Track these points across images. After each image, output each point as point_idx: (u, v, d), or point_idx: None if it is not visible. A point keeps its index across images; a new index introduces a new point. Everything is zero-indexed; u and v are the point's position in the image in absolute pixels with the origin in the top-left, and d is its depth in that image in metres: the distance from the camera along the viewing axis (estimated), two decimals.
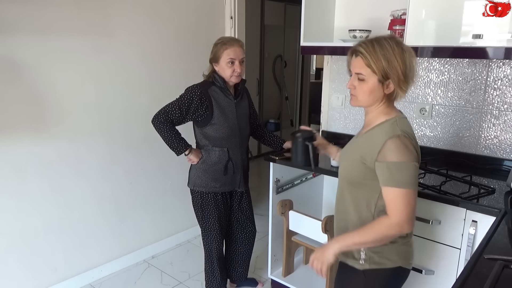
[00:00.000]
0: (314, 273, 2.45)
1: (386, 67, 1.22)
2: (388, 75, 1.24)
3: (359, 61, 1.26)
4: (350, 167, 1.36)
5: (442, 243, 1.71)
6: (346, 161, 1.40)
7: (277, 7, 5.16)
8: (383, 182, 1.24)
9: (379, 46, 1.23)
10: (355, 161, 1.32)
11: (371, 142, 1.28)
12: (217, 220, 2.15)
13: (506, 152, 2.03)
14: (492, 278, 0.94)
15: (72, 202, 2.41)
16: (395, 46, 1.23)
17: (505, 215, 1.41)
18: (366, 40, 1.28)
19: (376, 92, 1.28)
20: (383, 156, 1.22)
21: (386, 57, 1.22)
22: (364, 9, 2.37)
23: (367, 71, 1.25)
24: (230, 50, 1.97)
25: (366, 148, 1.29)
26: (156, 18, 2.65)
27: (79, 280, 2.52)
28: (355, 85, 1.30)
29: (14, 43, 2.04)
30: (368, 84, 1.26)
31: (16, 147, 2.13)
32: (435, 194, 1.70)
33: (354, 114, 2.55)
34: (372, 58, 1.23)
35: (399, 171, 1.20)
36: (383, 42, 1.24)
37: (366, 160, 1.28)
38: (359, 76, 1.27)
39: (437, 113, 2.23)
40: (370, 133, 1.32)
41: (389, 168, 1.21)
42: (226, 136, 2.04)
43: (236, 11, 3.03)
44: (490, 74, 2.02)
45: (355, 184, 1.34)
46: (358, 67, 1.27)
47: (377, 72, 1.24)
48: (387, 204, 1.24)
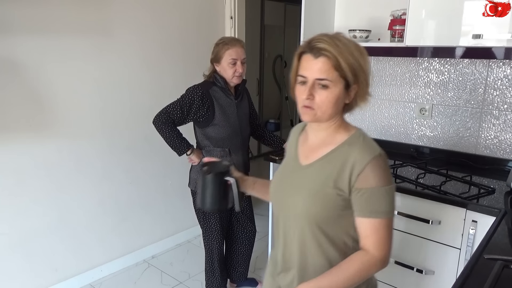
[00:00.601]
0: None
1: (357, 68, 0.99)
2: (357, 79, 1.01)
3: (322, 62, 0.98)
4: (314, 202, 1.04)
5: (442, 243, 1.71)
6: (300, 195, 1.07)
7: (277, 7, 5.16)
8: (365, 212, 1.00)
9: (341, 43, 0.99)
10: (323, 193, 1.03)
11: (342, 165, 1.01)
12: (218, 221, 2.15)
13: (506, 152, 2.03)
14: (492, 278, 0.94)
15: (72, 202, 2.41)
16: (351, 42, 1.02)
17: (505, 215, 1.41)
18: (323, 36, 1.00)
19: (340, 102, 1.03)
20: (365, 181, 0.98)
21: (353, 56, 0.99)
22: (364, 9, 2.37)
23: (334, 75, 0.98)
24: (232, 51, 1.97)
25: (338, 174, 1.02)
26: (156, 19, 2.65)
27: (79, 280, 2.52)
28: (314, 95, 1.00)
29: (14, 44, 2.04)
30: (334, 92, 0.99)
31: (17, 148, 2.13)
32: (435, 194, 1.70)
33: (354, 114, 2.53)
34: (341, 58, 0.97)
35: (385, 198, 0.99)
36: (340, 37, 1.00)
37: (342, 188, 1.01)
38: (321, 82, 0.99)
39: (437, 113, 2.23)
40: (335, 155, 1.04)
41: (374, 195, 0.98)
42: (227, 136, 2.04)
43: (236, 11, 3.03)
44: (490, 74, 2.02)
45: (326, 222, 1.05)
46: (321, 71, 0.98)
47: (347, 76, 0.99)
48: (366, 237, 1.02)
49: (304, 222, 1.07)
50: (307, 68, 1.00)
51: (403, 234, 1.82)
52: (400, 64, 2.32)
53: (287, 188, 1.13)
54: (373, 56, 2.38)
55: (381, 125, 2.43)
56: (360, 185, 0.99)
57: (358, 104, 1.07)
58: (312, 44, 1.00)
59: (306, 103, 1.01)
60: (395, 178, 1.89)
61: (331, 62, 0.97)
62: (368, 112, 2.48)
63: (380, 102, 2.43)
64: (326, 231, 1.05)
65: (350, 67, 0.98)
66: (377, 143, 1.05)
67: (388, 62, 2.36)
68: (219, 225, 2.16)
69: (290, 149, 1.20)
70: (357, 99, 1.05)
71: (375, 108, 2.45)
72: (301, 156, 1.14)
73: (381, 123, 2.43)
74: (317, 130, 1.10)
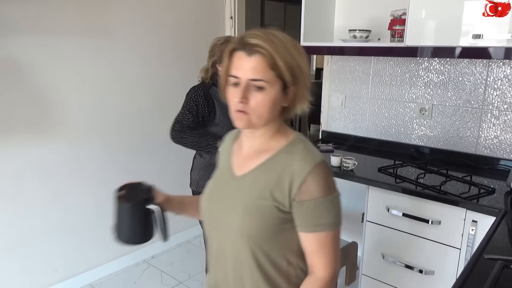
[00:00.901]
0: None
1: (295, 68, 0.90)
2: (295, 80, 0.91)
3: (257, 61, 0.87)
4: (250, 217, 0.92)
5: (442, 243, 1.71)
6: (234, 210, 0.95)
7: (277, 7, 5.16)
8: (309, 227, 0.90)
9: (277, 39, 0.89)
10: (259, 206, 0.91)
11: (280, 176, 0.91)
12: None
13: (506, 152, 2.03)
14: (492, 278, 0.94)
15: (72, 202, 2.41)
16: (288, 38, 0.92)
17: (505, 215, 1.41)
18: (257, 31, 0.90)
19: (277, 106, 0.92)
20: (307, 192, 0.88)
21: (291, 54, 0.89)
22: (364, 9, 2.37)
23: (270, 75, 0.87)
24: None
25: (275, 185, 0.91)
26: (156, 19, 2.65)
27: (79, 280, 2.51)
28: (248, 98, 0.89)
29: (14, 45, 2.04)
30: (271, 95, 0.89)
31: (16, 150, 2.13)
32: (435, 194, 1.70)
33: (354, 114, 2.56)
34: (278, 56, 0.87)
35: (330, 208, 0.90)
36: (276, 33, 0.90)
37: (280, 201, 0.90)
38: (256, 83, 0.88)
39: (437, 113, 2.23)
40: (272, 164, 0.94)
41: (318, 207, 0.88)
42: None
43: (236, 11, 3.03)
44: (490, 74, 2.02)
45: (265, 239, 0.93)
46: (256, 70, 0.87)
47: (285, 76, 0.89)
48: (312, 254, 0.93)
49: (240, 241, 0.94)
50: (239, 67, 0.89)
51: (403, 234, 1.82)
52: (400, 64, 2.32)
53: (219, 203, 1.00)
54: (373, 56, 2.38)
55: (381, 125, 2.43)
56: (302, 198, 0.88)
57: (296, 108, 0.96)
58: (245, 40, 0.88)
59: (240, 107, 0.90)
60: (395, 178, 1.90)
61: (266, 60, 0.87)
62: (368, 112, 2.48)
63: (380, 102, 2.43)
64: (265, 250, 0.93)
65: (287, 66, 0.88)
66: (377, 143, 1.04)
67: (388, 62, 2.36)
68: None
69: (223, 159, 1.09)
70: (295, 102, 0.95)
71: (375, 108, 2.45)
72: (235, 166, 1.02)
73: (381, 123, 2.43)
74: (252, 137, 0.98)
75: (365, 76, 2.47)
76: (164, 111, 2.78)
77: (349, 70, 2.53)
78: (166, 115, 2.80)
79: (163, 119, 2.79)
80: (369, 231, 1.94)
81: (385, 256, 1.89)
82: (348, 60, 2.52)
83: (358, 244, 2.25)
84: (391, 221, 1.85)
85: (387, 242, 1.89)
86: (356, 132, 2.55)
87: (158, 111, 2.74)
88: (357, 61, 2.49)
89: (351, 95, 2.55)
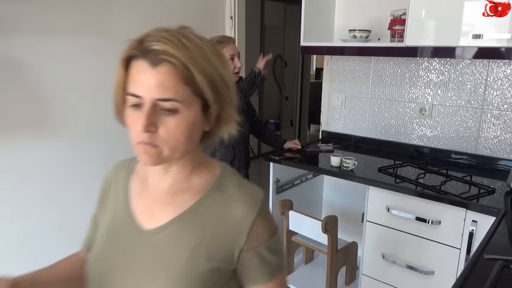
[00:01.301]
0: (314, 273, 2.46)
1: (217, 81, 0.68)
2: (219, 97, 0.69)
3: (165, 74, 0.64)
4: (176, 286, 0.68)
5: (442, 243, 1.71)
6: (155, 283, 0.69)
7: (277, 7, 5.16)
8: (265, 276, 0.73)
9: (191, 43, 0.66)
10: (193, 273, 0.69)
11: (217, 226, 0.70)
12: None
13: (506, 152, 2.03)
14: (492, 278, 0.94)
15: (73, 202, 2.41)
16: (206, 42, 0.70)
17: (505, 215, 1.41)
18: (163, 32, 0.67)
19: (197, 132, 0.71)
20: (257, 238, 0.71)
21: (211, 63, 0.67)
22: (364, 9, 2.37)
23: (184, 92, 0.65)
24: (228, 47, 2.02)
25: (212, 239, 0.70)
26: (156, 19, 2.65)
27: None
28: (157, 125, 0.66)
29: (14, 45, 2.04)
30: (187, 118, 0.67)
31: (16, 149, 2.13)
32: (435, 194, 1.70)
33: (354, 114, 2.55)
34: (194, 66, 0.65)
35: (281, 246, 0.76)
36: (189, 35, 0.68)
37: (222, 258, 0.70)
38: (166, 105, 0.65)
39: (437, 113, 2.23)
40: (202, 209, 0.72)
41: (270, 250, 0.73)
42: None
43: (236, 11, 3.03)
44: (490, 74, 2.02)
45: None
46: (165, 87, 0.64)
47: (205, 93, 0.67)
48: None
49: None
50: (140, 82, 0.65)
51: (403, 234, 1.82)
52: (400, 64, 2.32)
53: (126, 271, 0.72)
54: (373, 56, 2.38)
55: (381, 125, 2.43)
56: (252, 246, 0.71)
57: (222, 131, 0.75)
58: (147, 44, 0.66)
59: (145, 138, 0.65)
60: (395, 178, 1.90)
61: (178, 72, 0.64)
62: (368, 112, 2.48)
63: (380, 102, 2.43)
64: None
65: (208, 80, 0.66)
66: (377, 143, 1.03)
67: (388, 62, 2.36)
68: None
69: (116, 202, 0.81)
70: (220, 125, 0.74)
71: (375, 108, 2.45)
72: (140, 214, 0.75)
73: (381, 123, 2.43)
74: (165, 173, 0.75)
75: (365, 76, 2.47)
76: None
77: (349, 70, 2.53)
78: None
79: None
80: (369, 231, 1.94)
81: (385, 256, 1.89)
82: (348, 60, 2.52)
83: (358, 244, 2.25)
84: (391, 221, 1.85)
85: (387, 242, 1.89)
86: (356, 132, 2.55)
87: None
88: (357, 61, 2.49)
89: (351, 95, 2.55)
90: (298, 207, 2.29)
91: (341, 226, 2.14)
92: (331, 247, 2.06)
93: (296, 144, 2.35)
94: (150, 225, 0.73)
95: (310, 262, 2.58)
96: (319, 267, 2.50)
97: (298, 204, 2.31)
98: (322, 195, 2.74)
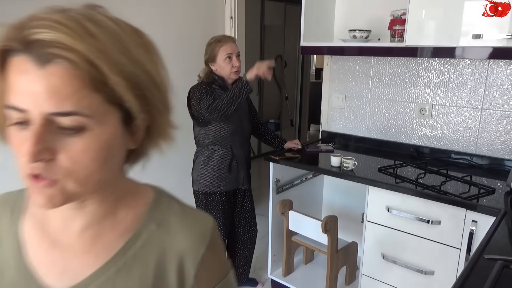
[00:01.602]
0: (314, 273, 2.46)
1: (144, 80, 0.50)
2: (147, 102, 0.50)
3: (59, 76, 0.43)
4: None
5: (442, 243, 1.71)
6: None
7: (277, 7, 5.16)
8: None
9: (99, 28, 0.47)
10: None
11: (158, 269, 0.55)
12: (222, 221, 2.16)
13: (506, 152, 2.03)
14: (492, 278, 0.94)
15: None
16: (124, 25, 0.54)
17: (505, 215, 1.41)
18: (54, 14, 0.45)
19: (117, 153, 0.52)
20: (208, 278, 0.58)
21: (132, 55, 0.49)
22: (364, 9, 2.37)
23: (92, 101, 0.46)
24: (226, 46, 2.00)
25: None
26: (156, 19, 2.65)
27: None
28: (53, 150, 0.45)
29: None
30: (100, 138, 0.48)
31: None
32: (435, 194, 1.70)
33: (354, 114, 2.55)
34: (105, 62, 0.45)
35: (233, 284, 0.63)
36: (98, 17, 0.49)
37: None
38: (62, 121, 0.45)
39: (437, 113, 2.23)
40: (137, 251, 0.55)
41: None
42: (229, 134, 2.06)
43: (236, 11, 3.03)
44: (490, 74, 2.02)
45: None
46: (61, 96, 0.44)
47: (126, 99, 0.47)
48: None
49: None
50: (23, 90, 0.44)
51: (403, 234, 1.82)
52: (400, 64, 2.32)
53: None
54: (373, 56, 2.38)
55: (381, 125, 2.43)
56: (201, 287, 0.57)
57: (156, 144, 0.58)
58: (28, 32, 0.43)
59: (36, 170, 0.46)
60: (395, 178, 1.90)
61: (81, 74, 0.44)
62: (368, 112, 2.48)
63: (380, 102, 2.43)
64: None
65: (128, 81, 0.47)
66: (377, 143, 1.02)
67: (388, 62, 2.36)
68: (223, 225, 2.17)
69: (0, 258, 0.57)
70: (152, 138, 0.56)
71: (375, 108, 2.45)
72: (43, 269, 0.54)
73: (381, 123, 2.43)
74: (76, 210, 0.54)
75: (365, 76, 2.47)
76: None
77: (349, 70, 2.53)
78: None
79: None
80: (369, 231, 1.94)
81: (385, 256, 1.89)
82: (348, 60, 2.52)
83: (358, 244, 2.25)
84: (391, 221, 1.85)
85: (387, 242, 1.89)
86: (356, 132, 2.55)
87: None
88: (357, 61, 2.49)
89: (351, 95, 2.55)
90: (298, 207, 2.29)
91: (341, 226, 2.14)
92: (331, 247, 2.06)
93: (296, 144, 2.35)
94: (62, 284, 0.52)
95: (310, 262, 2.58)
96: (319, 267, 2.50)
97: (298, 204, 2.31)
98: (322, 195, 2.74)
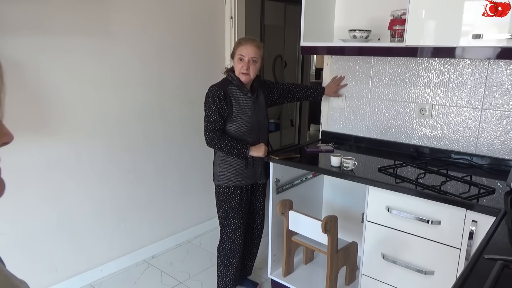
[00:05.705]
0: (314, 273, 2.45)
1: None
2: None
3: None
4: None
5: (442, 243, 1.71)
6: None
7: (277, 7, 5.15)
8: None
9: None
10: None
11: None
12: (238, 215, 2.19)
13: (506, 152, 2.03)
14: (492, 278, 0.94)
15: (72, 202, 2.41)
16: None
17: (505, 215, 1.41)
18: None
19: None
20: None
21: None
22: (364, 9, 2.37)
23: None
24: (242, 47, 2.06)
25: None
26: (156, 19, 2.65)
27: (79, 280, 2.51)
28: None
29: (13, 43, 2.04)
30: None
31: (16, 148, 2.13)
32: (435, 194, 1.70)
33: (354, 114, 2.56)
34: None
35: None
36: None
37: None
38: None
39: (437, 113, 2.23)
40: None
41: None
42: (245, 132, 2.11)
43: (236, 11, 3.03)
44: (490, 74, 2.02)
45: None
46: None
47: None
48: None
49: None
50: None
51: (403, 234, 1.82)
52: (400, 64, 2.32)
53: None
54: (373, 56, 2.38)
55: (381, 125, 2.43)
56: None
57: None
58: None
59: None
60: (395, 178, 1.89)
61: None
62: (368, 112, 2.48)
63: (380, 102, 2.43)
64: None
65: None
66: (377, 143, 1.03)
67: (388, 62, 2.36)
68: (238, 219, 2.19)
69: None
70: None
71: (375, 108, 2.45)
72: None
73: (381, 123, 2.43)
74: None
75: (365, 76, 2.47)
76: (165, 110, 2.78)
77: (349, 70, 2.53)
78: (167, 114, 2.81)
79: (164, 118, 2.79)
80: (369, 231, 1.94)
81: (385, 256, 1.89)
82: (348, 60, 2.52)
83: (358, 244, 2.25)
84: (391, 221, 1.85)
85: (387, 242, 1.89)
86: (356, 132, 2.55)
87: (159, 110, 2.74)
88: (357, 61, 2.49)
89: (351, 95, 2.55)
90: (298, 207, 2.29)
91: (341, 226, 2.14)
92: (331, 247, 2.06)
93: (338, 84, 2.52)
94: None
95: (310, 262, 2.58)
96: (319, 267, 2.50)
97: (298, 204, 2.31)
98: (322, 195, 2.74)
